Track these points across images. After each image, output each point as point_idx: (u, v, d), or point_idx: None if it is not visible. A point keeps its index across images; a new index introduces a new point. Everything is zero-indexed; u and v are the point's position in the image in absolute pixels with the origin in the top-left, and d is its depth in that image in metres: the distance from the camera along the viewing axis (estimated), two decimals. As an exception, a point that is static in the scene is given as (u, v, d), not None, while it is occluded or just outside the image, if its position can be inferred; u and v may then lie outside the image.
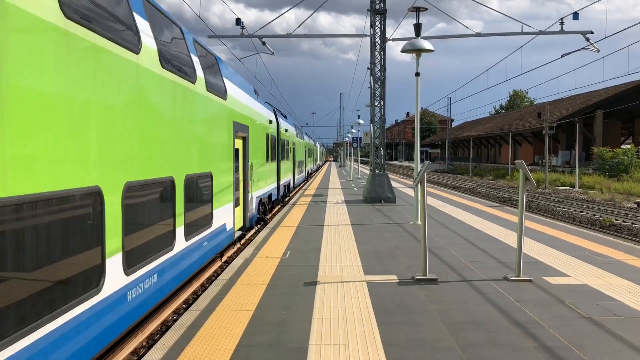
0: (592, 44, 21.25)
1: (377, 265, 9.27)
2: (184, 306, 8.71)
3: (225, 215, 10.92)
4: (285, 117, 27.49)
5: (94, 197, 5.02)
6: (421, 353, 5.22)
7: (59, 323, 4.31)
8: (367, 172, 36.89)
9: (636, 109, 47.26)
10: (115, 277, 5.46)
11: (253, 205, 14.49)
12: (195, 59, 8.91)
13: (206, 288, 9.11)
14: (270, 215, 19.14)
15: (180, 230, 7.73)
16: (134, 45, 6.05)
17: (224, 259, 12.01)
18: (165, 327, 7.70)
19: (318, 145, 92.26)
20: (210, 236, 9.60)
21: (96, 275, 5.08)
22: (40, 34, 4.15)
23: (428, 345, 5.44)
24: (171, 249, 7.32)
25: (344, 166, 75.47)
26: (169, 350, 5.31)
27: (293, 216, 16.49)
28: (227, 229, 11.16)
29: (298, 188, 34.16)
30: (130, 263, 5.84)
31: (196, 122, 8.75)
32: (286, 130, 24.63)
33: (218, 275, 9.61)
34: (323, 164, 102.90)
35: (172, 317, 8.16)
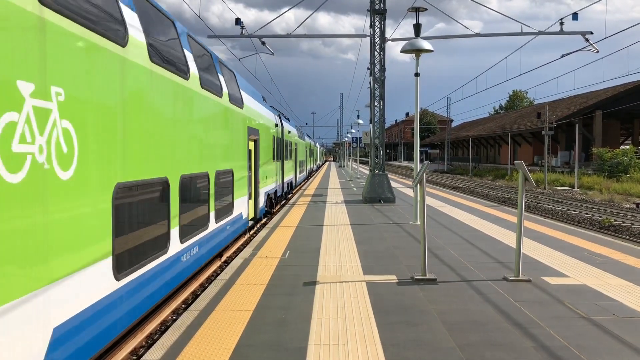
0: (591, 44, 21.26)
1: (376, 265, 9.28)
2: (183, 306, 8.71)
3: (242, 206, 12.88)
4: (288, 119, 29.44)
5: (165, 184, 6.96)
6: (420, 353, 5.23)
7: (145, 269, 6.25)
8: (367, 172, 36.93)
9: (635, 109, 47.32)
10: (175, 243, 7.41)
11: (262, 199, 16.38)
12: (221, 77, 10.78)
13: (205, 288, 9.12)
14: (276, 208, 20.56)
15: (212, 215, 9.72)
16: (185, 73, 7.92)
17: (224, 259, 12.02)
18: (164, 327, 7.70)
19: (318, 145, 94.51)
20: (231, 222, 11.53)
21: (165, 240, 7.02)
22: (141, 75, 6.22)
23: (427, 345, 5.44)
24: (206, 228, 9.31)
25: (344, 166, 75.48)
26: (168, 350, 5.31)
27: (292, 216, 16.49)
28: (243, 217, 13.08)
29: (299, 187, 34.27)
30: (182, 235, 7.75)
31: (222, 129, 10.83)
32: (289, 132, 26.36)
33: (217, 275, 9.62)
34: (323, 164, 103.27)
35: (172, 317, 8.16)
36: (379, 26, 21.18)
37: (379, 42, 21.24)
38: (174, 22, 7.90)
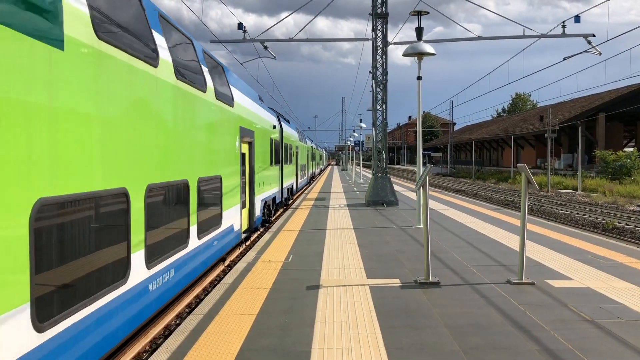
0: (593, 46, 21.25)
1: (379, 268, 9.28)
2: (186, 310, 8.72)
3: (302, 178, 32.52)
4: (311, 140, 50.44)
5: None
6: (424, 357, 5.22)
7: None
8: (370, 175, 37.05)
9: (639, 111, 47.21)
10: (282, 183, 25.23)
11: (307, 177, 37.98)
12: (301, 134, 35.03)
13: (209, 292, 9.13)
14: (313, 182, 41.71)
15: (297, 177, 28.78)
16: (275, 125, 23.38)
17: (227, 263, 12.03)
18: (168, 332, 7.71)
19: (324, 151, 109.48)
20: (302, 181, 33.35)
21: (278, 183, 21.67)
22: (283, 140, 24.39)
23: (431, 348, 5.44)
24: (297, 180, 28.76)
25: (346, 170, 75.46)
26: (172, 355, 5.32)
27: (295, 220, 16.50)
28: (307, 180, 38.36)
29: (300, 190, 34.87)
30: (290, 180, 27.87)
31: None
32: (314, 147, 48.55)
33: (221, 279, 9.62)
34: (326, 167, 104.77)
35: (175, 322, 8.17)
36: (381, 30, 21.22)
37: (381, 45, 21.28)
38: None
